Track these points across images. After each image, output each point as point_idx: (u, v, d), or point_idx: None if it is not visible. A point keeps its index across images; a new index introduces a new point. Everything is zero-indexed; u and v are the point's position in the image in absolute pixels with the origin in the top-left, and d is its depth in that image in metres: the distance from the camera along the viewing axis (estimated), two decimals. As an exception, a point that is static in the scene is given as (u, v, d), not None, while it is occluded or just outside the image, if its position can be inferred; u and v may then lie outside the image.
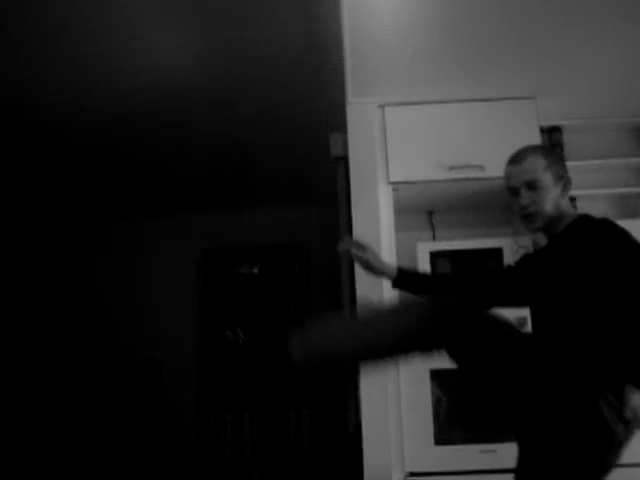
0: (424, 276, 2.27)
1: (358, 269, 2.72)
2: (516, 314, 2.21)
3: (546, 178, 1.84)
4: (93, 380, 5.25)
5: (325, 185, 4.04)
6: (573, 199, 3.00)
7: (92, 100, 3.48)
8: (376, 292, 2.69)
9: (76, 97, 3.46)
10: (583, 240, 1.77)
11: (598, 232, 1.75)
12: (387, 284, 2.69)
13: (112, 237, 5.61)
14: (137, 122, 3.78)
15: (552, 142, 3.04)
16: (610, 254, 1.68)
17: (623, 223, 1.75)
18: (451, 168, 2.81)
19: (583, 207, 2.83)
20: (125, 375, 5.29)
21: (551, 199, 1.83)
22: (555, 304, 1.80)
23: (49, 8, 2.71)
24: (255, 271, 5.48)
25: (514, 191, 1.87)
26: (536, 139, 2.83)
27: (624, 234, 1.70)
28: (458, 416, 2.64)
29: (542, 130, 2.95)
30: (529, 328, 2.17)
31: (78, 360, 5.30)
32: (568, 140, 3.07)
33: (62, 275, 5.53)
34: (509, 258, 2.81)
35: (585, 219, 1.85)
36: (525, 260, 2.06)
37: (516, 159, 1.89)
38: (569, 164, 2.05)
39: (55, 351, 5.31)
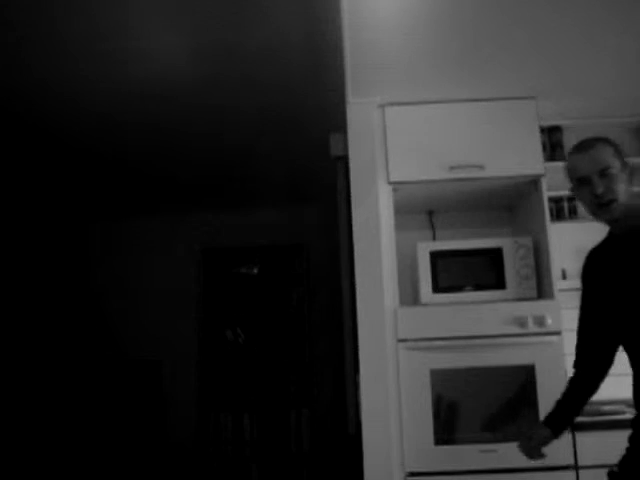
0: (559, 411, 2.02)
1: (358, 269, 2.73)
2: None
3: (616, 165, 1.77)
4: (94, 380, 5.25)
5: (325, 185, 4.04)
6: (573, 199, 3.01)
7: (92, 100, 3.48)
8: (376, 292, 2.70)
9: (76, 98, 3.46)
10: None
11: None
12: (388, 289, 2.72)
13: (112, 237, 5.62)
14: (138, 122, 3.78)
15: (552, 142, 3.04)
16: None
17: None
18: (451, 168, 2.81)
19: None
20: (125, 375, 5.29)
21: (623, 187, 1.76)
22: None
23: (50, 8, 2.71)
24: (255, 271, 5.48)
25: (584, 181, 1.78)
26: (536, 139, 2.83)
27: None
28: (458, 416, 2.64)
29: (542, 130, 2.95)
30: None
31: (79, 360, 5.30)
32: (568, 140, 3.06)
33: (62, 275, 5.53)
34: (509, 258, 2.81)
35: None
36: (593, 269, 1.92)
37: (584, 147, 1.81)
38: (569, 164, 2.04)
39: (56, 351, 5.31)
